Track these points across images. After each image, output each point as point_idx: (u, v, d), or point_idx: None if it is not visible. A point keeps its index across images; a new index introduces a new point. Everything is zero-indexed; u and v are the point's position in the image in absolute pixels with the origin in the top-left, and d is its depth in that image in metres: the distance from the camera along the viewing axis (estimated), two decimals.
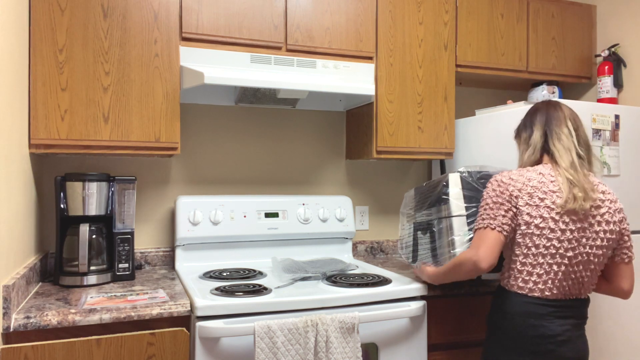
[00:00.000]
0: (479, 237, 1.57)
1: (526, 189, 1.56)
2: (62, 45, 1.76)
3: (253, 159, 2.40)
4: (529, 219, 1.53)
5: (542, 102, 1.75)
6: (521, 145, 1.74)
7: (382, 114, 2.21)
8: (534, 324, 1.52)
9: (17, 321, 1.41)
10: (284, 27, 2.06)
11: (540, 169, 1.61)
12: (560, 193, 1.53)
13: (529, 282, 1.54)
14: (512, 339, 1.55)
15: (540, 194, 1.54)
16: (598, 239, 1.55)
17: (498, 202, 1.57)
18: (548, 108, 1.70)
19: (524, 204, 1.55)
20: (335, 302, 1.69)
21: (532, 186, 1.56)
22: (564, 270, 1.52)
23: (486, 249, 1.53)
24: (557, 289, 1.53)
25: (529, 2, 2.51)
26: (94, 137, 1.80)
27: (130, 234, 1.94)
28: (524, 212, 1.54)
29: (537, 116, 1.71)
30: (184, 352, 1.53)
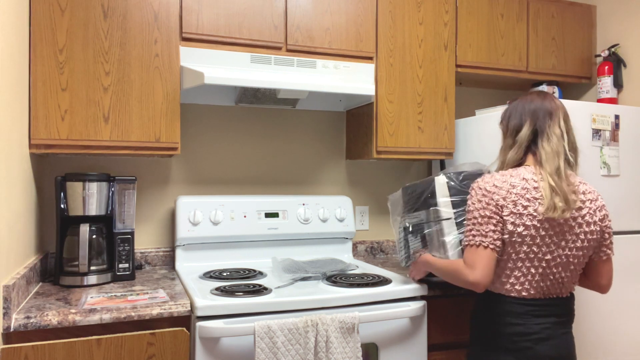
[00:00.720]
0: (473, 256, 1.52)
1: (510, 196, 1.51)
2: (62, 45, 1.76)
3: (253, 159, 2.40)
4: (513, 227, 1.50)
5: (538, 93, 1.66)
6: (506, 137, 1.66)
7: (382, 114, 2.21)
8: (511, 322, 1.53)
9: (17, 321, 1.41)
10: (284, 27, 2.06)
11: (523, 172, 1.55)
12: (542, 200, 1.50)
13: (507, 283, 1.54)
14: (490, 336, 1.57)
15: (524, 202, 1.50)
16: (578, 241, 1.54)
17: (486, 216, 1.51)
18: (543, 101, 1.62)
19: (508, 213, 1.50)
20: (336, 302, 1.69)
21: (516, 193, 1.51)
22: (541, 272, 1.52)
23: (482, 270, 1.50)
24: (534, 289, 1.53)
25: (529, 2, 2.51)
26: (94, 137, 1.80)
27: (131, 234, 1.94)
28: (508, 221, 1.50)
29: (530, 108, 1.61)
30: (184, 352, 1.53)
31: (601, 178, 2.09)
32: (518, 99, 1.68)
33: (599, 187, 2.08)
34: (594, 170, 2.07)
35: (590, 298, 2.04)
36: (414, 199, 1.89)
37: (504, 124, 1.69)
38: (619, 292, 2.10)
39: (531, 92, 1.69)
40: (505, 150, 1.65)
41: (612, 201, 2.11)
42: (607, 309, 2.07)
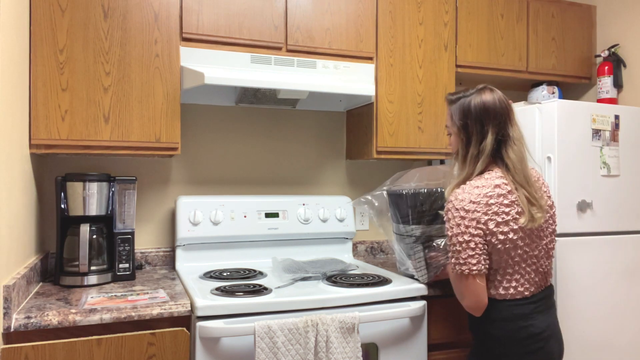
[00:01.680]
0: (460, 285, 1.52)
1: (491, 208, 1.47)
2: (63, 45, 1.76)
3: (253, 159, 2.40)
4: (503, 237, 1.49)
5: (489, 89, 1.56)
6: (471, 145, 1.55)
7: (382, 114, 2.21)
8: (522, 325, 1.52)
9: (17, 321, 1.41)
10: (284, 28, 2.07)
11: (492, 179, 1.51)
12: (517, 202, 1.49)
13: (510, 288, 1.53)
14: (503, 344, 1.53)
15: (505, 208, 1.48)
16: (550, 227, 1.59)
17: (465, 241, 1.47)
18: (497, 101, 1.53)
19: (494, 225, 1.48)
20: (336, 302, 1.69)
21: (494, 203, 1.48)
22: (534, 268, 1.56)
23: (470, 298, 1.51)
24: (533, 286, 1.55)
25: (528, 2, 2.51)
26: (94, 138, 1.80)
27: (131, 234, 1.94)
28: (497, 232, 1.48)
29: (488, 110, 1.52)
30: (184, 352, 1.53)
31: (601, 178, 2.09)
32: (465, 95, 1.58)
33: (598, 187, 2.08)
34: (594, 170, 2.07)
35: (590, 298, 2.04)
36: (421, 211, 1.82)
37: (460, 128, 1.57)
38: (619, 292, 2.10)
39: (480, 88, 1.59)
40: (471, 161, 1.55)
41: (612, 201, 2.11)
42: (607, 309, 2.07)
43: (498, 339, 1.54)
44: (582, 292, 2.02)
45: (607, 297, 2.07)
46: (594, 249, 2.05)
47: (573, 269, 2.00)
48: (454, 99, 1.61)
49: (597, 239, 2.07)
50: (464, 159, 1.58)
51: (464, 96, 1.59)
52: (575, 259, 2.01)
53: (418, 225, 1.83)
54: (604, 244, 2.08)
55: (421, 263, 1.84)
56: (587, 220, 2.05)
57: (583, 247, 2.03)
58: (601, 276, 2.06)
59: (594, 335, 2.04)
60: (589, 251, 2.04)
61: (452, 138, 1.64)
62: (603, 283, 2.07)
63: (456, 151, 1.62)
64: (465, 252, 1.48)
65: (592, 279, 2.04)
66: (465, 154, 1.57)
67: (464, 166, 1.58)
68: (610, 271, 2.08)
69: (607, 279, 2.08)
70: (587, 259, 2.04)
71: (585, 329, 2.02)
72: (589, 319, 2.03)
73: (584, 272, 2.03)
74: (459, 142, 1.59)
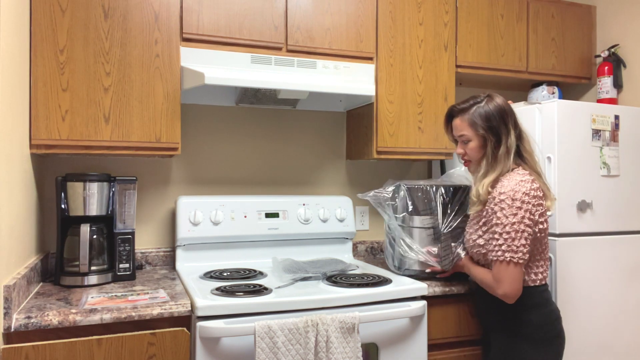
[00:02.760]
0: (501, 272, 1.60)
1: (537, 201, 1.62)
2: (63, 45, 1.76)
3: (254, 159, 2.41)
4: (543, 226, 1.65)
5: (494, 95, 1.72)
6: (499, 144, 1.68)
7: (383, 115, 2.22)
8: (551, 308, 1.66)
9: (18, 321, 1.41)
10: (285, 28, 2.07)
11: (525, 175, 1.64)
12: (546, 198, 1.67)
13: (539, 273, 1.66)
14: (540, 329, 1.61)
15: (541, 201, 1.64)
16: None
17: (520, 230, 1.58)
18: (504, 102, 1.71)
19: (539, 216, 1.63)
20: (336, 302, 1.69)
21: (536, 196, 1.62)
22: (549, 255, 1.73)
23: (510, 285, 1.58)
24: (546, 271, 1.70)
25: (528, 2, 2.51)
26: (94, 138, 1.80)
27: (131, 234, 1.94)
28: (539, 221, 1.63)
29: (504, 111, 1.69)
30: (185, 352, 1.53)
31: (601, 178, 2.09)
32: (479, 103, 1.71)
33: (598, 187, 2.08)
34: (594, 171, 2.07)
35: (590, 298, 2.04)
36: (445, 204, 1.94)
37: (487, 131, 1.69)
38: (619, 292, 2.10)
39: (490, 94, 1.73)
40: (502, 160, 1.68)
41: (611, 201, 2.11)
42: (607, 309, 2.07)
43: (535, 325, 1.62)
44: (582, 292, 2.02)
45: (606, 297, 2.07)
46: (593, 249, 2.05)
47: (573, 269, 2.01)
48: (466, 107, 1.74)
49: (597, 239, 2.07)
50: (495, 158, 1.69)
51: (476, 103, 1.72)
52: (575, 259, 2.01)
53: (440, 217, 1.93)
54: (604, 244, 2.08)
55: (447, 251, 1.91)
56: (587, 220, 2.05)
57: (583, 247, 2.03)
58: (601, 276, 2.07)
59: (594, 335, 2.04)
60: (589, 251, 2.05)
61: (470, 145, 1.73)
62: (603, 283, 2.07)
63: (481, 155, 1.72)
64: (519, 240, 1.57)
65: (591, 279, 2.04)
66: (496, 153, 1.69)
67: (495, 165, 1.68)
68: (610, 271, 2.08)
69: (606, 279, 2.08)
70: (587, 259, 2.04)
71: (585, 329, 2.02)
72: (588, 318, 2.03)
73: (583, 272, 2.03)
74: (488, 144, 1.70)
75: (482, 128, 1.69)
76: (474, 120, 1.71)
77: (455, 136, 1.80)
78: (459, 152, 1.80)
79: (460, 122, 1.75)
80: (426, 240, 1.95)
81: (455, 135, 1.80)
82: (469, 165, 1.80)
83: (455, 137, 1.81)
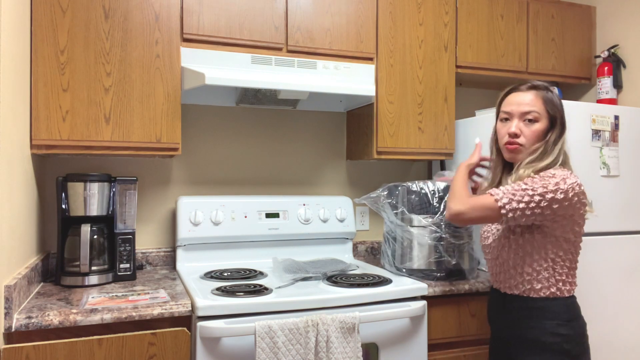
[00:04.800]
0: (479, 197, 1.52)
1: (584, 199, 1.50)
2: (64, 46, 1.77)
3: (254, 160, 2.41)
4: (578, 228, 1.53)
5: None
6: (562, 134, 1.55)
7: (383, 115, 2.22)
8: (585, 320, 1.56)
9: (18, 321, 1.42)
10: (285, 28, 2.07)
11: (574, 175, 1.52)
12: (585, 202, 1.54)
13: (573, 284, 1.55)
14: (577, 343, 1.50)
15: (586, 202, 1.52)
16: None
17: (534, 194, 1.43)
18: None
19: (578, 215, 1.50)
20: (336, 302, 1.69)
21: (585, 194, 1.50)
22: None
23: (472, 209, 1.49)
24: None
25: (528, 3, 2.51)
26: (95, 138, 1.80)
27: (132, 234, 1.95)
28: (577, 221, 1.51)
29: (562, 110, 1.57)
30: (185, 352, 1.53)
31: (601, 178, 2.09)
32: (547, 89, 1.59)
33: (598, 187, 2.08)
34: (593, 171, 2.07)
35: (591, 298, 2.04)
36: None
37: (560, 117, 1.56)
38: (619, 292, 2.10)
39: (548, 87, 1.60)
40: (559, 151, 1.54)
41: (611, 201, 2.11)
42: (607, 309, 2.07)
43: (572, 338, 1.50)
44: (581, 292, 2.02)
45: (607, 297, 2.07)
46: (593, 249, 2.06)
47: None
48: (540, 86, 1.59)
49: (596, 239, 2.07)
50: (554, 147, 1.54)
51: (548, 89, 1.59)
52: None
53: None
54: (604, 244, 2.08)
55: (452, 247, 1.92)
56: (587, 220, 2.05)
57: (583, 247, 2.03)
58: (601, 276, 2.07)
59: (594, 335, 2.04)
60: (589, 251, 2.05)
61: (538, 125, 1.55)
62: (603, 283, 2.07)
63: (541, 139, 1.55)
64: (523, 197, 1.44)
65: (591, 279, 2.05)
66: (557, 142, 1.54)
67: (549, 155, 1.53)
68: (610, 271, 2.09)
69: (606, 279, 2.08)
70: (586, 259, 2.04)
71: None
72: (589, 319, 2.02)
73: (583, 272, 2.03)
74: (554, 130, 1.55)
75: (556, 111, 1.56)
76: (550, 100, 1.55)
77: (517, 112, 1.57)
78: (513, 132, 1.56)
79: (534, 97, 1.56)
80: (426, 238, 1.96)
81: (518, 112, 1.56)
82: (519, 150, 1.56)
83: (517, 112, 1.57)
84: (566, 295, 1.52)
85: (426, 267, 1.96)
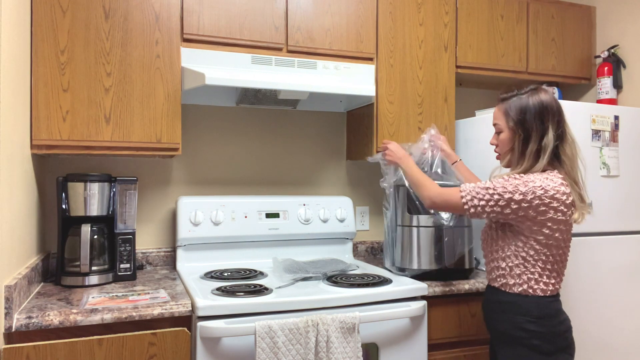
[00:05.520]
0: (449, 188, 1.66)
1: (556, 203, 1.51)
2: (64, 46, 1.77)
3: (254, 160, 2.41)
4: (550, 232, 1.53)
5: (542, 89, 1.61)
6: (530, 141, 1.56)
7: (383, 115, 2.22)
8: (561, 319, 1.57)
9: (19, 321, 1.42)
10: (285, 29, 2.07)
11: (557, 177, 1.53)
12: (574, 207, 1.57)
13: (549, 284, 1.57)
14: (548, 340, 1.53)
15: (564, 208, 1.53)
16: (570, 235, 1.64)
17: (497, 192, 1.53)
18: (552, 99, 1.58)
19: (547, 218, 1.51)
20: (336, 302, 1.69)
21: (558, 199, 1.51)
22: (565, 270, 1.62)
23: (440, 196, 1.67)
24: (559, 284, 1.61)
25: (528, 3, 2.52)
26: (95, 138, 1.80)
27: (132, 234, 1.95)
28: (546, 224, 1.52)
29: (546, 107, 1.56)
30: (185, 352, 1.53)
31: (601, 178, 2.09)
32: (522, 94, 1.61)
33: (598, 187, 2.08)
34: (593, 171, 2.07)
35: (590, 298, 2.04)
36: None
37: (518, 124, 1.59)
38: (619, 292, 2.10)
39: (535, 87, 1.63)
40: (531, 157, 1.57)
41: (611, 201, 2.11)
42: (608, 309, 2.08)
43: (543, 336, 1.53)
44: (582, 292, 2.02)
45: (607, 297, 2.07)
46: (593, 249, 2.06)
47: (573, 270, 2.01)
48: (507, 97, 1.65)
49: (596, 239, 2.07)
50: (522, 154, 1.59)
51: (518, 94, 1.63)
52: (575, 259, 2.01)
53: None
54: (604, 244, 2.08)
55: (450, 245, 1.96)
56: (587, 220, 2.04)
57: (583, 247, 2.04)
58: (601, 276, 2.07)
59: (595, 335, 2.05)
60: (589, 251, 2.05)
61: (502, 135, 1.65)
62: (603, 283, 2.07)
63: (510, 147, 1.63)
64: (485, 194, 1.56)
65: (591, 279, 2.05)
66: (524, 149, 1.58)
67: (521, 161, 1.59)
68: (610, 271, 2.09)
69: (606, 279, 2.08)
70: (586, 260, 2.04)
71: (586, 329, 2.02)
72: (589, 319, 2.03)
73: (583, 272, 2.03)
74: (516, 138, 1.60)
75: (512, 120, 1.59)
76: (508, 110, 1.61)
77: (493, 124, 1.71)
78: (492, 142, 1.71)
79: (497, 110, 1.66)
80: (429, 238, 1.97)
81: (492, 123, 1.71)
82: (499, 158, 1.70)
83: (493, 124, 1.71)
84: (539, 294, 1.56)
85: (426, 267, 1.96)
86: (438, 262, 1.95)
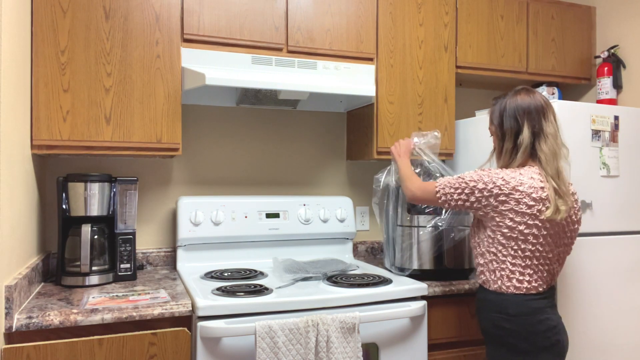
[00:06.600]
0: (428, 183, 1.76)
1: (514, 194, 1.55)
2: (64, 46, 1.77)
3: (254, 160, 2.41)
4: (513, 224, 1.56)
5: (526, 90, 1.67)
6: (505, 140, 1.65)
7: (383, 115, 2.22)
8: (540, 318, 1.55)
9: (19, 321, 1.42)
10: (285, 29, 2.07)
11: (530, 172, 1.59)
12: (547, 202, 1.56)
13: (524, 281, 1.58)
14: (524, 339, 1.55)
15: (529, 201, 1.55)
16: (567, 238, 1.64)
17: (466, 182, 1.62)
18: (533, 99, 1.63)
19: (508, 209, 1.56)
20: (336, 302, 1.69)
21: (522, 191, 1.55)
22: (547, 268, 1.61)
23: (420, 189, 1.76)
24: (544, 282, 1.60)
25: (528, 3, 2.52)
26: (95, 138, 1.81)
27: (132, 234, 1.95)
28: (507, 216, 1.56)
29: (523, 107, 1.62)
30: (185, 352, 1.53)
31: (601, 179, 2.09)
32: (504, 97, 1.69)
33: (598, 187, 2.08)
34: (593, 171, 2.07)
35: (591, 298, 2.04)
36: None
37: (497, 126, 1.69)
38: (619, 292, 2.10)
39: (517, 89, 1.69)
40: (507, 155, 1.66)
41: (611, 201, 2.11)
42: (607, 309, 2.08)
43: (518, 334, 1.55)
44: (582, 292, 2.02)
45: (607, 297, 2.07)
46: (593, 249, 2.06)
47: (573, 270, 2.01)
48: (495, 102, 1.74)
49: (596, 239, 2.07)
50: (499, 153, 1.69)
51: (502, 97, 1.70)
52: (575, 259, 2.02)
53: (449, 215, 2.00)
54: (604, 244, 2.08)
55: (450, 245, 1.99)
56: (587, 220, 2.05)
57: (583, 247, 2.04)
58: (601, 276, 2.07)
59: (595, 335, 2.05)
60: (589, 252, 2.05)
61: (493, 139, 1.75)
62: (603, 283, 2.07)
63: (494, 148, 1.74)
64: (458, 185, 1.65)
65: (592, 279, 2.05)
66: (500, 148, 1.68)
67: (499, 160, 1.70)
68: (610, 271, 2.09)
69: (607, 279, 2.08)
70: (586, 260, 2.04)
71: (586, 329, 2.02)
72: (589, 319, 2.04)
73: (583, 272, 2.04)
74: (496, 139, 1.72)
75: (494, 123, 1.71)
76: (491, 114, 1.72)
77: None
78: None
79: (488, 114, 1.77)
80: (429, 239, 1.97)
81: None
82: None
83: None
84: (513, 291, 1.57)
85: (426, 267, 1.96)
86: (438, 262, 1.96)
